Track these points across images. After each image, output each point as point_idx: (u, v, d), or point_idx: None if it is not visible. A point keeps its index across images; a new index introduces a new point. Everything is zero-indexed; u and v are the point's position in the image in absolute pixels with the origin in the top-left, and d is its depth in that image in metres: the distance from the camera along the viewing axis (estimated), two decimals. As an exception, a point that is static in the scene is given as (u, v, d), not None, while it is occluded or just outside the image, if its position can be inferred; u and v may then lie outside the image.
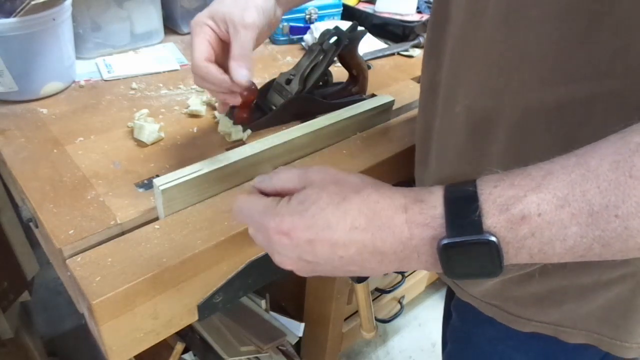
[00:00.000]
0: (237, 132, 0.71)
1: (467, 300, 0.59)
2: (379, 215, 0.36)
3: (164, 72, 0.87)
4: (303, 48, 1.01)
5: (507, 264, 0.34)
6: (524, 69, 0.43)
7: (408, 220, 0.35)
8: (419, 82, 0.92)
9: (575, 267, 0.49)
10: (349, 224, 0.36)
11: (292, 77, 0.74)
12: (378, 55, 0.98)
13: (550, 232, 0.32)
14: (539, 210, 0.32)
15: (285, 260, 0.40)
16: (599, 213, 0.30)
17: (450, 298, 0.76)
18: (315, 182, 0.39)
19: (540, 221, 0.32)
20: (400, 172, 0.75)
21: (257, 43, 0.57)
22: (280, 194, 0.41)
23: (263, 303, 1.15)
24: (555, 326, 0.53)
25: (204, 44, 0.53)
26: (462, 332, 0.67)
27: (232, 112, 0.75)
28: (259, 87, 0.74)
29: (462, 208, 0.33)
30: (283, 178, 0.41)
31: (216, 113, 0.76)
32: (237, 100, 0.57)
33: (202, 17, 0.55)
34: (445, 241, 0.33)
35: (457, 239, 0.33)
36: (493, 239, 0.32)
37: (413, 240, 0.35)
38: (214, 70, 0.53)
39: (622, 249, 0.31)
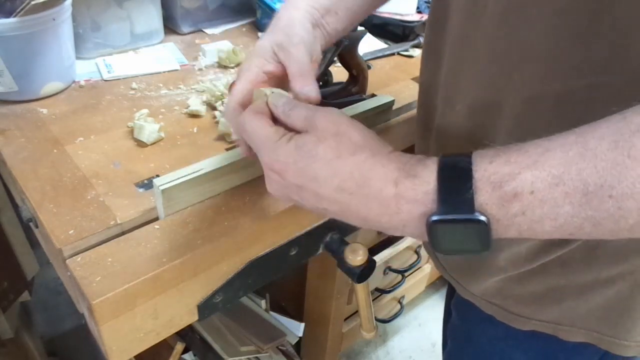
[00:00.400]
0: (237, 132, 0.71)
1: (467, 298, 0.60)
2: (369, 183, 0.36)
3: (164, 72, 0.88)
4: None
5: (495, 238, 0.34)
6: (523, 67, 0.43)
7: (397, 195, 0.35)
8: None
9: (574, 265, 0.49)
10: (335, 183, 0.37)
11: None
12: (378, 55, 0.98)
13: (541, 210, 0.32)
14: (532, 188, 0.31)
15: (274, 192, 0.42)
16: (593, 193, 0.30)
17: (450, 297, 0.76)
18: (318, 130, 0.39)
19: (532, 199, 0.32)
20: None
21: (313, 58, 0.51)
22: (286, 126, 0.41)
23: (263, 303, 1.15)
24: (554, 325, 0.53)
25: (243, 85, 0.49)
26: (462, 331, 0.67)
27: None
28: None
29: (456, 185, 0.33)
30: (292, 116, 0.41)
31: (216, 113, 0.76)
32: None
33: (251, 59, 0.50)
34: (435, 217, 0.34)
35: (448, 217, 0.33)
36: (483, 218, 0.32)
37: (401, 214, 0.35)
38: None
39: (613, 230, 0.31)
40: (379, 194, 0.35)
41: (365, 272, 0.68)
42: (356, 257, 0.67)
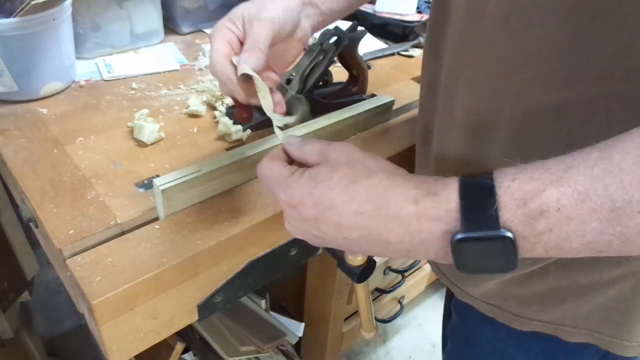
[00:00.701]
0: (237, 132, 0.71)
1: (466, 301, 0.59)
2: (387, 204, 0.35)
3: (164, 72, 0.88)
4: (303, 48, 1.00)
5: (522, 257, 0.33)
6: (524, 70, 0.43)
7: (418, 213, 0.34)
8: (419, 82, 0.92)
9: (576, 266, 0.49)
10: (354, 208, 0.36)
11: (292, 77, 0.74)
12: (378, 55, 0.98)
13: (568, 227, 0.31)
14: (559, 204, 0.31)
15: (294, 230, 0.41)
16: (621, 208, 0.30)
17: (450, 297, 0.76)
18: (331, 160, 0.39)
19: (559, 216, 0.31)
20: (400, 172, 0.75)
21: (279, 39, 0.53)
22: (301, 163, 0.42)
23: (263, 303, 1.15)
24: (555, 325, 0.53)
25: (221, 43, 0.51)
26: (462, 331, 0.67)
27: (232, 112, 0.75)
28: None
29: (479, 202, 0.33)
30: (306, 150, 0.42)
31: (216, 113, 0.76)
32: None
33: (221, 21, 0.53)
34: (459, 236, 0.33)
35: (473, 234, 0.33)
36: (509, 234, 0.32)
37: (422, 233, 0.35)
38: (228, 68, 0.49)
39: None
40: (399, 212, 0.35)
41: (365, 272, 0.68)
42: (356, 257, 0.66)
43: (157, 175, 0.63)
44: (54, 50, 0.75)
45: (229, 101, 0.78)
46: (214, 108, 0.78)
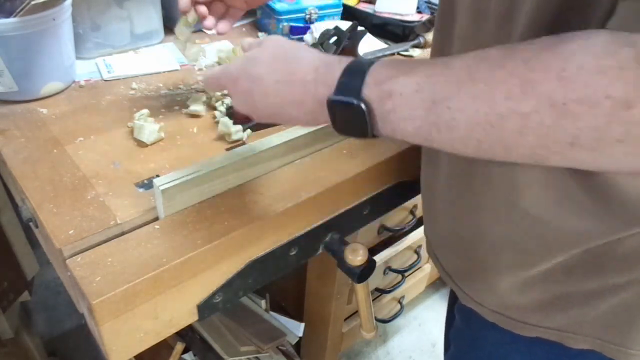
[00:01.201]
0: (237, 132, 0.71)
1: (470, 306, 0.59)
2: (297, 72, 0.44)
3: (164, 72, 0.87)
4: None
5: (380, 134, 0.40)
6: None
7: (315, 79, 0.43)
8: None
9: (580, 273, 0.48)
10: (274, 77, 0.45)
11: None
12: (378, 55, 0.98)
13: (404, 111, 0.37)
14: (401, 90, 0.37)
15: (238, 104, 0.50)
16: (438, 102, 0.35)
17: (453, 301, 0.76)
18: (262, 45, 0.48)
19: (401, 100, 0.37)
20: (400, 172, 0.75)
21: None
22: None
23: (263, 303, 1.15)
24: (560, 332, 0.53)
25: None
26: (466, 335, 0.67)
27: (232, 112, 0.75)
28: None
29: (352, 77, 0.40)
30: (253, 42, 0.52)
31: (216, 113, 0.76)
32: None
33: None
34: (331, 97, 0.41)
35: (339, 97, 0.40)
36: (363, 105, 0.39)
37: (317, 95, 0.42)
38: None
39: (452, 138, 0.36)
40: (304, 78, 0.43)
41: (365, 272, 0.68)
42: (356, 257, 0.67)
43: (157, 175, 0.63)
44: (54, 50, 0.75)
45: (229, 101, 0.78)
46: (214, 108, 0.78)
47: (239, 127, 0.71)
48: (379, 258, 1.07)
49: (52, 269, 0.64)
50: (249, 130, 0.73)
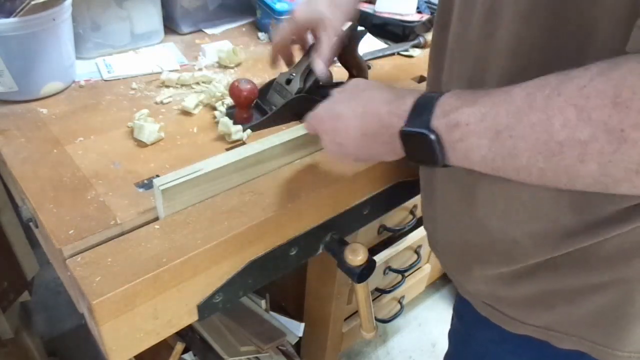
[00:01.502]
0: (237, 132, 0.71)
1: (465, 296, 0.60)
2: (371, 107, 0.48)
3: (164, 72, 0.87)
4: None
5: (450, 163, 0.42)
6: (493, 70, 0.45)
7: (389, 111, 0.46)
8: (419, 82, 0.92)
9: (566, 270, 0.49)
10: (352, 114, 0.49)
11: (292, 77, 0.74)
12: (378, 55, 0.98)
13: (471, 139, 0.39)
14: (468, 120, 0.39)
15: (329, 148, 0.54)
16: (501, 131, 0.37)
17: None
18: (342, 87, 0.54)
19: (467, 129, 0.39)
20: (400, 172, 0.75)
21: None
22: None
23: (263, 303, 1.15)
24: (546, 330, 0.53)
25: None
26: (461, 333, 0.67)
27: (232, 112, 0.75)
28: (258, 87, 0.74)
29: (422, 108, 0.43)
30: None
31: (216, 113, 0.76)
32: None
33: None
34: (403, 128, 0.44)
35: (410, 129, 0.43)
36: (432, 135, 0.41)
37: (391, 127, 0.45)
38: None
39: (516, 167, 0.37)
40: (378, 111, 0.47)
41: (365, 272, 0.68)
42: (356, 257, 0.67)
43: (157, 175, 0.63)
44: (54, 50, 0.75)
45: (229, 101, 0.78)
46: (214, 108, 0.78)
47: (239, 127, 0.71)
48: (379, 258, 1.07)
49: (52, 269, 0.64)
50: (249, 130, 0.73)
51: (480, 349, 0.63)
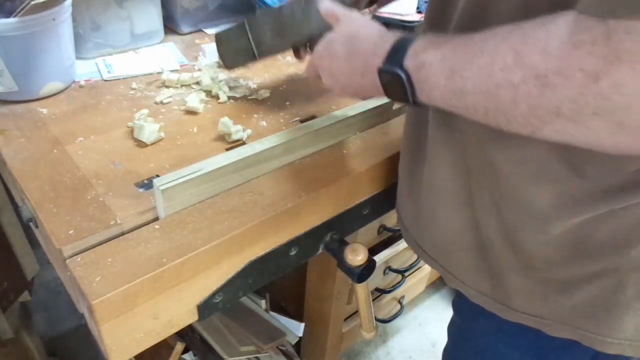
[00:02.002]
0: (237, 132, 0.71)
1: (457, 287, 0.60)
2: (360, 48, 0.52)
3: (164, 72, 0.87)
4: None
5: (419, 101, 0.45)
6: None
7: (373, 52, 0.49)
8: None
9: (556, 259, 0.49)
10: (345, 54, 0.53)
11: None
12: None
13: (433, 79, 0.42)
14: (431, 61, 0.42)
15: (325, 80, 0.58)
16: (455, 71, 0.40)
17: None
18: (340, 23, 0.56)
19: (430, 70, 0.42)
20: (400, 172, 0.75)
21: None
22: None
23: (263, 303, 1.15)
24: (540, 319, 0.53)
25: None
26: (458, 327, 0.68)
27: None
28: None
29: (398, 49, 0.46)
30: (327, 7, 0.60)
31: (220, 93, 0.77)
32: None
33: None
34: (380, 66, 0.47)
35: (385, 67, 0.46)
36: (403, 74, 0.44)
37: (372, 67, 0.48)
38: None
39: (466, 106, 0.40)
40: (365, 51, 0.51)
41: (365, 272, 0.68)
42: (356, 257, 0.67)
43: (157, 175, 0.63)
44: (54, 50, 0.75)
45: (226, 89, 0.79)
46: (217, 97, 0.79)
47: (239, 127, 0.71)
48: (379, 258, 1.07)
49: (52, 269, 0.64)
50: (249, 130, 0.73)
51: (477, 342, 0.63)
